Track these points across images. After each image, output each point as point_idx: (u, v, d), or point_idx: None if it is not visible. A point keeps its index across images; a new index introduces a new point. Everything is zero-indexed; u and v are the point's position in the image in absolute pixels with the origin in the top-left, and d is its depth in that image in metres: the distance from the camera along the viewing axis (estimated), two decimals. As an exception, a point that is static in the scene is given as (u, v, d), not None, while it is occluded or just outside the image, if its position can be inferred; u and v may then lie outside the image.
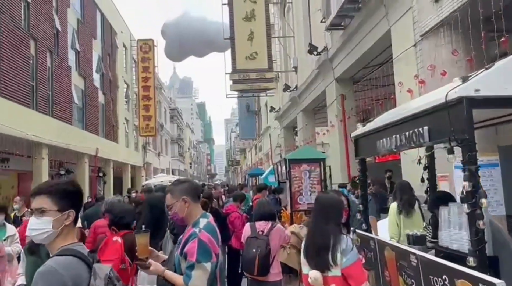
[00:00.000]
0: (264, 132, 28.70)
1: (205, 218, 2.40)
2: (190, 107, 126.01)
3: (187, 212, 2.37)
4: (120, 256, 3.29)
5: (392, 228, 4.66)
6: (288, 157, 6.82)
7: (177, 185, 2.47)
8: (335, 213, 2.51)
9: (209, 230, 2.31)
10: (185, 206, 2.37)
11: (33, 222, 1.71)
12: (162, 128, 37.55)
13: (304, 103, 14.91)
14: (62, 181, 1.82)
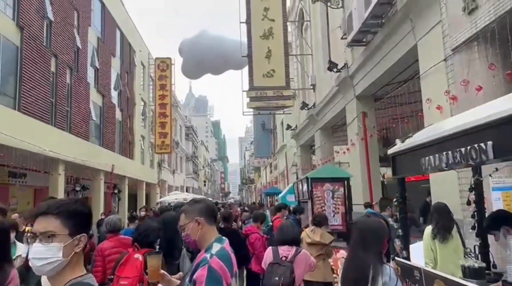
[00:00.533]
0: (279, 151, 28.42)
1: (219, 243, 2.19)
2: (205, 125, 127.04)
3: (200, 235, 2.19)
4: (139, 274, 3.16)
5: (426, 253, 4.30)
6: (310, 176, 6.51)
7: (192, 205, 2.31)
8: (377, 240, 2.21)
9: (222, 257, 2.10)
10: (198, 228, 2.19)
11: (37, 250, 1.40)
12: (178, 145, 37.64)
13: (322, 121, 14.64)
14: (71, 200, 1.55)
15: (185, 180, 43.53)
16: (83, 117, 15.93)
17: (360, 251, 2.17)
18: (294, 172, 24.18)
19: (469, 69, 5.36)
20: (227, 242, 2.25)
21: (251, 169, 61.62)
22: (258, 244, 5.65)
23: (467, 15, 5.28)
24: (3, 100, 11.01)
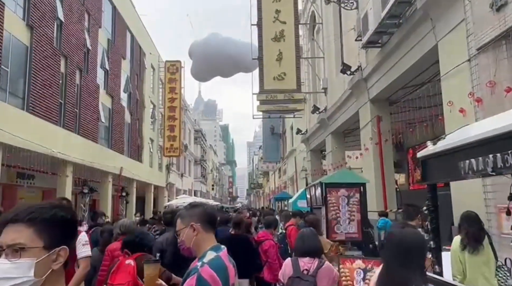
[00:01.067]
0: (289, 155, 28.10)
1: (215, 252, 2.02)
2: (213, 129, 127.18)
3: (195, 242, 2.02)
4: (133, 279, 3.05)
5: (455, 265, 3.99)
6: (324, 181, 6.22)
7: (188, 210, 2.14)
8: (419, 255, 1.91)
9: (215, 266, 1.91)
10: (193, 234, 2.02)
11: (2, 268, 1.09)
12: (186, 149, 37.52)
13: (333, 126, 14.33)
14: (50, 203, 1.22)
15: (193, 183, 43.37)
16: (92, 118, 15.82)
17: (400, 268, 1.87)
18: (303, 177, 23.84)
19: (497, 69, 5.04)
20: (224, 251, 2.08)
21: (260, 173, 61.31)
22: (272, 251, 5.38)
23: (495, 12, 4.97)
24: (12, 100, 10.91)
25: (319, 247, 3.43)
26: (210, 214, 2.14)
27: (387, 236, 2.04)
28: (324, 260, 3.38)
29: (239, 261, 5.19)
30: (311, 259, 3.28)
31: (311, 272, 3.16)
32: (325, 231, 6.14)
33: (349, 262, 5.83)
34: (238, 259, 5.11)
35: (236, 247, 5.18)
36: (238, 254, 5.44)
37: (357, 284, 5.85)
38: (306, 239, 3.40)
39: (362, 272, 5.83)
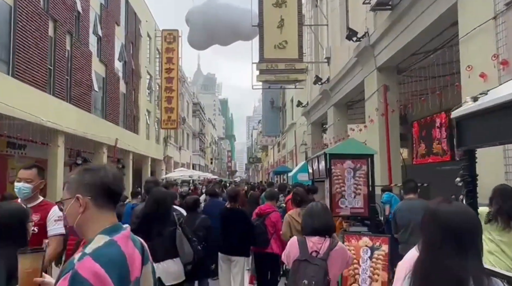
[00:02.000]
0: (288, 129, 27.59)
1: (107, 235, 1.41)
2: (212, 103, 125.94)
3: (80, 221, 1.44)
4: None
5: None
6: (329, 152, 5.71)
7: (79, 174, 1.51)
8: (475, 238, 1.41)
9: (102, 257, 1.32)
10: (78, 210, 1.44)
11: None
12: (184, 121, 36.93)
13: (336, 97, 13.72)
14: None
15: (191, 157, 43.04)
16: (84, 87, 15.17)
17: (450, 255, 1.37)
18: (303, 152, 23.40)
19: (529, 26, 4.44)
20: (125, 232, 1.47)
21: (259, 148, 61.02)
22: (280, 223, 5.01)
23: (532, -41, 4.33)
24: (-4, 65, 10.26)
25: (331, 224, 2.90)
26: (109, 183, 1.49)
27: (428, 214, 1.51)
28: (337, 241, 2.88)
29: (234, 237, 4.77)
30: (321, 238, 2.76)
31: (322, 255, 2.66)
32: (328, 206, 5.68)
33: (354, 239, 5.38)
34: (233, 235, 4.68)
35: (231, 222, 4.78)
36: (234, 230, 5.04)
37: (363, 263, 5.45)
38: (315, 215, 2.86)
39: (369, 250, 5.39)
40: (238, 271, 4.68)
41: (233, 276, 4.69)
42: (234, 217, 4.75)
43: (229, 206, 4.86)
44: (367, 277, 4.74)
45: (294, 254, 2.77)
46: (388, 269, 4.67)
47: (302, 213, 2.97)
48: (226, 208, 4.86)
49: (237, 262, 4.68)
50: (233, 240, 4.66)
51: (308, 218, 2.86)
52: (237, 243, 4.67)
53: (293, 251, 2.79)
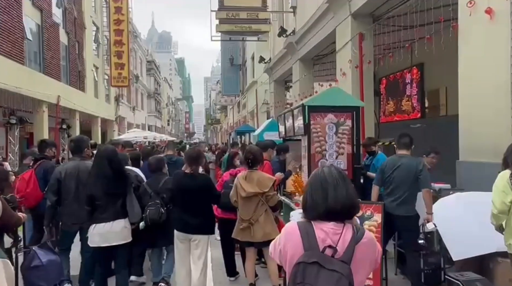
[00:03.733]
0: (249, 88, 26.40)
1: None
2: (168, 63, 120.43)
3: None
4: None
5: (499, 199, 2.98)
6: (308, 104, 4.75)
7: None
8: None
9: None
10: None
11: None
12: (137, 80, 34.57)
13: (303, 50, 12.67)
14: None
15: (146, 118, 40.94)
16: (14, 34, 13.01)
17: None
18: (264, 111, 22.48)
19: None
20: None
21: (217, 109, 59.47)
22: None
23: None
24: None
25: (355, 201, 1.76)
26: None
27: None
28: (362, 228, 1.87)
29: (196, 211, 3.75)
30: (338, 225, 1.68)
31: (342, 254, 1.60)
32: (306, 168, 4.79)
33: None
34: (194, 208, 3.65)
35: (192, 193, 3.79)
36: (195, 202, 3.99)
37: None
38: (329, 186, 1.70)
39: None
40: (201, 253, 3.72)
41: (194, 259, 3.72)
42: (195, 185, 3.71)
43: (188, 172, 3.80)
44: None
45: (294, 251, 1.67)
46: (381, 241, 3.90)
47: (307, 181, 1.90)
48: (185, 174, 3.81)
49: (199, 242, 3.71)
50: (194, 214, 3.67)
51: (317, 191, 1.72)
52: (199, 218, 3.68)
53: (292, 246, 1.69)
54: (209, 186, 3.78)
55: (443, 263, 4.20)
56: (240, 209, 4.06)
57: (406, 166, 4.30)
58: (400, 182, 4.26)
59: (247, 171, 4.14)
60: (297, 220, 1.82)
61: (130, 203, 3.77)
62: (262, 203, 4.02)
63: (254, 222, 3.92)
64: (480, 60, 4.94)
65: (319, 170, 1.83)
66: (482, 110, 4.90)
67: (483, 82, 4.89)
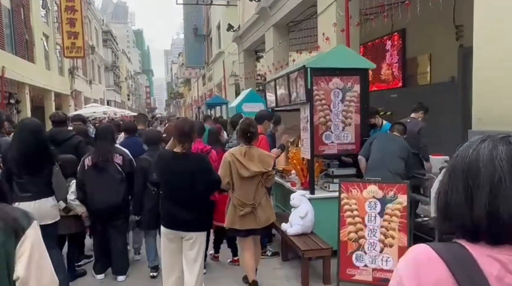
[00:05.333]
0: (215, 59, 25.14)
1: None
2: (126, 34, 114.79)
3: None
4: None
5: None
6: (310, 65, 3.96)
7: None
8: None
9: None
10: None
11: None
12: (93, 51, 32.17)
13: (277, 15, 11.72)
14: None
15: (105, 92, 38.57)
16: None
17: None
18: (232, 83, 21.49)
19: None
20: None
21: (180, 82, 57.38)
22: None
23: None
24: None
25: None
26: None
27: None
28: None
29: (190, 201, 2.84)
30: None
31: None
32: (309, 142, 4.06)
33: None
34: (187, 198, 2.77)
35: (184, 177, 2.82)
36: (188, 189, 2.61)
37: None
38: (498, 182, 0.85)
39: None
40: (198, 254, 2.92)
41: (189, 263, 2.91)
42: (189, 168, 2.86)
43: (178, 151, 2.89)
44: (377, 241, 3.33)
45: None
46: (407, 228, 3.29)
47: (445, 169, 1.07)
48: (174, 154, 2.91)
49: (195, 241, 2.90)
50: (187, 206, 2.85)
51: (472, 190, 0.88)
52: (194, 210, 2.86)
53: None
54: (207, 168, 2.94)
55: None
56: (238, 192, 3.31)
57: (395, 147, 4.10)
58: (385, 158, 3.97)
59: (244, 146, 3.38)
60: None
61: (56, 182, 3.55)
62: (261, 184, 3.43)
63: (257, 205, 3.38)
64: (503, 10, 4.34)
65: (471, 149, 1.04)
66: (503, 72, 4.33)
67: (505, 42, 4.31)
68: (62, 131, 4.67)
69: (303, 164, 4.36)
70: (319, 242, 3.66)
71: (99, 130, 4.17)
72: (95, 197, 3.80)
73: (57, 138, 4.55)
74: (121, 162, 3.96)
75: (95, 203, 3.80)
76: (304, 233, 3.87)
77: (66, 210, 3.94)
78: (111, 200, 3.81)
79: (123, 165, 3.95)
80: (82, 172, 3.88)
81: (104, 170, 3.84)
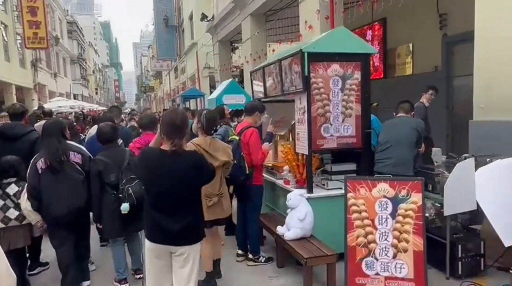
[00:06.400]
0: (188, 51, 24.35)
1: None
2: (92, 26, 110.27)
3: None
4: None
5: None
6: (308, 50, 3.55)
7: None
8: None
9: None
10: None
11: None
12: (58, 42, 30.54)
13: (255, 3, 11.23)
14: None
15: (71, 86, 36.85)
16: None
17: None
18: (207, 76, 20.84)
19: None
20: None
21: (150, 75, 55.82)
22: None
23: None
24: None
25: None
26: None
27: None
28: None
29: (180, 209, 2.36)
30: None
31: None
32: (306, 135, 3.65)
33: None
34: (178, 207, 2.32)
35: (173, 183, 2.39)
36: (179, 197, 2.23)
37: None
38: None
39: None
40: (191, 271, 2.39)
41: (181, 282, 2.41)
42: (182, 169, 2.35)
43: (168, 149, 2.38)
44: (389, 246, 2.98)
45: None
46: (423, 231, 2.94)
47: None
48: (162, 152, 2.37)
49: (188, 257, 2.38)
50: (178, 214, 2.34)
51: None
52: (186, 219, 2.36)
53: None
54: (202, 167, 2.41)
55: (483, 249, 3.40)
56: None
57: (402, 122, 4.16)
58: (396, 142, 4.00)
59: (208, 137, 3.35)
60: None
61: None
62: (223, 174, 3.45)
63: (224, 194, 3.44)
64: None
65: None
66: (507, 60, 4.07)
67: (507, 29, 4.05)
68: (17, 126, 4.06)
69: (298, 159, 3.95)
70: (322, 247, 3.27)
71: (46, 126, 3.48)
72: (54, 203, 3.22)
73: (10, 133, 3.95)
74: (80, 160, 3.43)
75: (54, 210, 3.23)
76: (303, 237, 3.48)
77: (20, 219, 3.40)
78: (72, 204, 3.28)
79: (83, 164, 3.44)
80: (34, 177, 3.27)
81: (61, 171, 3.28)
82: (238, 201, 4.03)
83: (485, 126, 4.23)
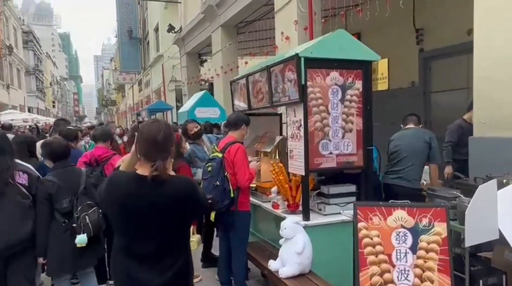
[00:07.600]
0: (153, 63, 23.53)
1: None
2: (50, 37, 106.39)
3: None
4: None
5: None
6: (304, 55, 3.07)
7: None
8: None
9: None
10: None
11: None
12: (11, 52, 28.74)
13: (227, 14, 10.82)
14: None
15: (26, 98, 34.72)
16: None
17: None
18: (173, 89, 20.11)
19: None
20: None
21: (112, 89, 53.98)
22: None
23: None
24: None
25: None
26: None
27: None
28: None
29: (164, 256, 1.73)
30: None
31: None
32: (302, 153, 3.14)
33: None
34: (159, 253, 1.71)
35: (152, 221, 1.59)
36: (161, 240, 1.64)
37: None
38: None
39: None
40: None
41: None
42: (166, 202, 1.70)
43: (146, 174, 1.63)
44: (409, 287, 2.48)
45: None
46: (450, 268, 2.47)
47: None
48: (139, 177, 1.65)
49: None
50: (157, 262, 1.68)
51: None
52: (170, 267, 1.69)
53: None
54: (195, 199, 1.74)
55: (505, 283, 2.99)
56: None
57: (413, 134, 4.25)
58: (407, 153, 4.13)
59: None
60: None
61: None
62: None
63: None
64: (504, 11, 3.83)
65: None
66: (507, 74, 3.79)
67: (508, 41, 3.79)
68: None
69: (291, 180, 3.43)
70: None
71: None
72: None
73: None
74: (26, 182, 2.79)
75: None
76: (301, 273, 2.94)
77: None
78: (13, 236, 2.62)
79: (30, 186, 2.79)
80: None
81: (2, 195, 2.62)
82: (220, 231, 3.44)
83: (489, 143, 3.92)
